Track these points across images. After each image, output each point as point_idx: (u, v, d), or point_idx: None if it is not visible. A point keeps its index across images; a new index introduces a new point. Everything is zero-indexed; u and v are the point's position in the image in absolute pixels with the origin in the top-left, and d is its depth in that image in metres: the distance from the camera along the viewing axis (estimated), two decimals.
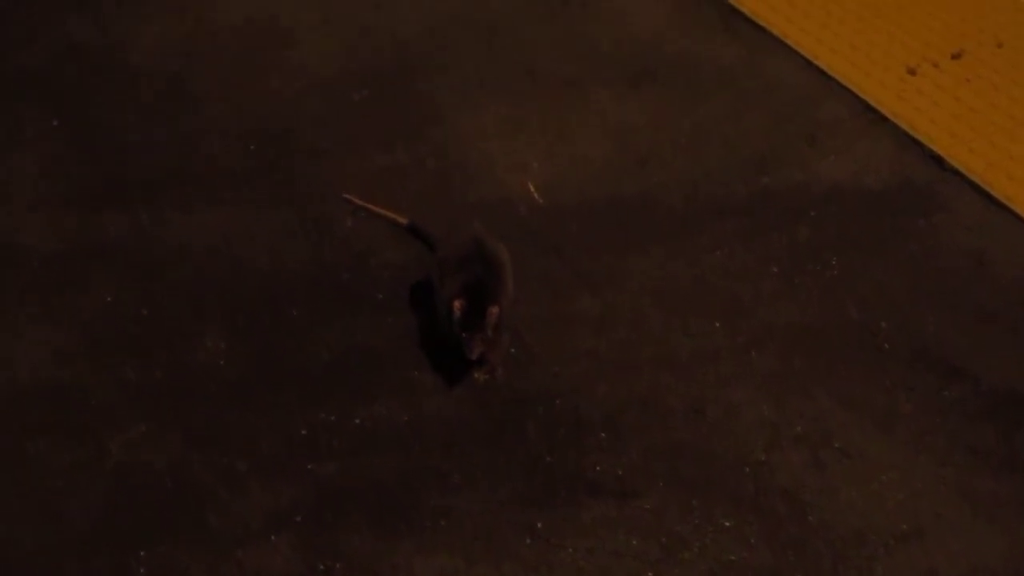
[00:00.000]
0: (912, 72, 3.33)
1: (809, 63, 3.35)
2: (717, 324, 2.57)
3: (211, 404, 2.35)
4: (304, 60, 3.27)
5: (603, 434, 2.33)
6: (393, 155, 2.97)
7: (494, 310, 2.34)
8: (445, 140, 3.02)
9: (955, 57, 3.39)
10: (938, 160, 3.04)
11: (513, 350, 2.46)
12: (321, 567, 2.08)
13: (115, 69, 3.20)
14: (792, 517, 2.20)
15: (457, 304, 2.34)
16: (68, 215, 2.76)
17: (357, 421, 2.34)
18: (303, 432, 2.30)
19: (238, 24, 3.38)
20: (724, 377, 2.45)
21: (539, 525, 2.17)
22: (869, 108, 3.20)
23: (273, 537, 2.12)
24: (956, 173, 3.01)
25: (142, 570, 2.07)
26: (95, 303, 2.55)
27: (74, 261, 2.65)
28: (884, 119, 3.16)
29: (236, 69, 3.21)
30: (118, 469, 2.22)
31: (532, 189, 2.87)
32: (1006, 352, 2.51)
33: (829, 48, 3.39)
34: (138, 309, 2.54)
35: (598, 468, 2.26)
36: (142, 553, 2.09)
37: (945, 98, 3.24)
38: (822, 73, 3.31)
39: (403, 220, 2.73)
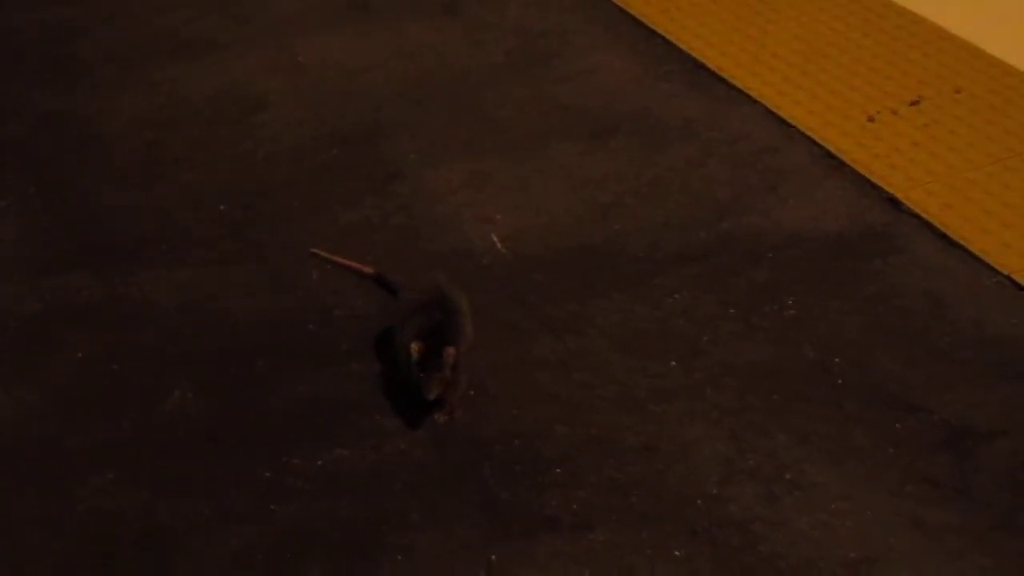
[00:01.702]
0: (871, 119, 3.41)
1: (771, 113, 3.43)
2: (674, 363, 2.63)
3: (178, 453, 2.41)
4: (274, 125, 3.36)
5: (559, 470, 2.38)
6: (360, 211, 3.05)
7: (451, 351, 2.40)
8: (411, 195, 3.10)
9: (913, 104, 3.47)
10: (895, 202, 3.10)
11: (472, 393, 2.52)
12: None
13: (91, 139, 3.30)
14: (743, 547, 2.24)
15: (415, 347, 2.41)
16: (43, 278, 2.83)
17: (320, 463, 2.40)
18: (267, 475, 2.37)
19: (210, 93, 3.48)
20: (680, 415, 2.50)
21: (494, 558, 2.21)
22: (829, 155, 3.27)
23: None
24: (913, 215, 3.06)
25: None
26: (66, 362, 2.62)
27: (47, 322, 2.72)
28: (843, 165, 3.23)
29: (207, 135, 3.30)
30: (85, 518, 2.27)
31: (496, 240, 2.95)
32: (960, 387, 2.56)
33: (792, 100, 3.48)
34: (108, 365, 2.61)
35: (554, 504, 2.31)
36: None
37: (903, 143, 3.32)
38: (784, 123, 3.39)
39: (369, 270, 2.80)
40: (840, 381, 2.59)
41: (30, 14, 3.87)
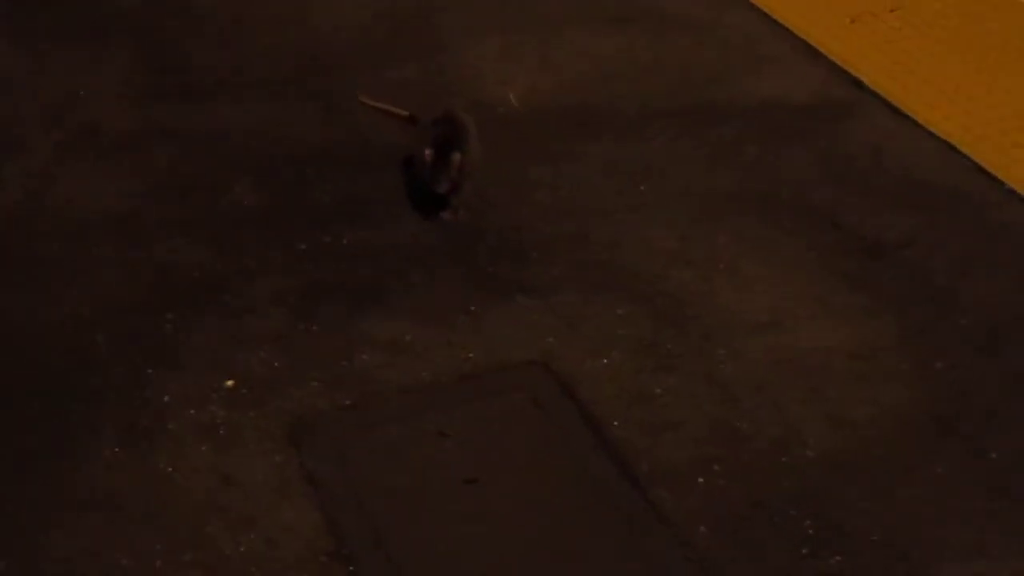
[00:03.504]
0: (853, 21, 3.95)
1: (765, 16, 3.98)
2: (643, 188, 3.21)
3: (235, 228, 3.04)
4: (342, 5, 4.01)
5: (536, 254, 2.97)
6: (403, 72, 3.66)
7: (456, 155, 3.00)
8: (447, 62, 3.71)
9: (892, 10, 4.01)
10: (859, 84, 3.64)
11: (476, 199, 3.10)
12: (302, 327, 2.75)
13: (188, 10, 3.97)
14: (674, 309, 2.81)
15: (427, 152, 3.02)
16: (141, 107, 3.50)
17: (345, 241, 3.01)
18: (302, 247, 2.99)
19: None
20: (642, 221, 3.08)
21: (472, 308, 2.81)
22: (809, 47, 3.81)
23: (271, 309, 2.79)
24: (873, 93, 3.60)
25: (169, 327, 2.75)
26: (155, 164, 3.27)
27: (142, 137, 3.38)
28: (820, 55, 3.77)
29: (284, 10, 3.96)
30: (159, 266, 2.93)
31: (512, 98, 3.55)
32: (882, 214, 3.10)
33: (784, 4, 4.02)
34: (187, 168, 3.26)
35: (529, 276, 2.89)
36: (170, 315, 2.78)
37: (878, 40, 3.85)
38: (775, 22, 3.94)
39: (404, 113, 3.42)
40: (781, 204, 3.14)
41: None
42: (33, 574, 2.19)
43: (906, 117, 3.47)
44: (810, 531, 2.29)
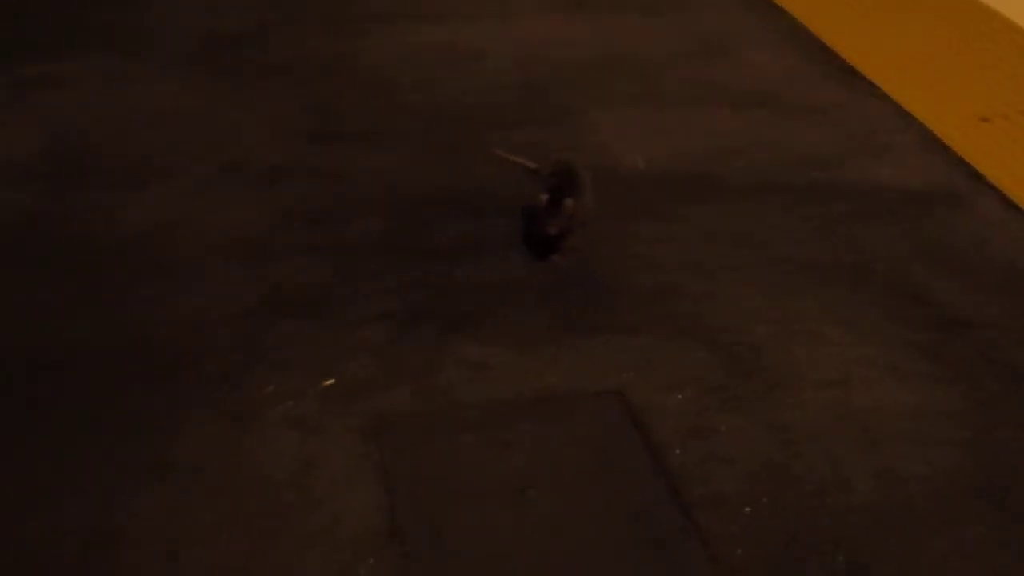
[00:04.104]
0: (984, 120, 4.07)
1: (893, 104, 4.14)
2: (741, 252, 3.38)
3: (353, 255, 3.31)
4: (486, 71, 4.30)
5: (627, 300, 3.16)
6: (532, 133, 3.91)
7: (569, 202, 3.22)
8: (577, 126, 3.95)
9: None
10: (977, 176, 3.76)
11: (583, 246, 3.32)
12: (400, 343, 2.99)
13: (346, 68, 4.31)
14: (749, 359, 2.96)
15: (543, 197, 3.25)
16: (286, 146, 3.83)
17: (454, 274, 3.24)
18: (414, 276, 3.23)
19: (442, 43, 4.46)
20: (736, 281, 3.23)
21: (560, 341, 3.02)
22: (934, 139, 3.94)
23: (376, 325, 3.04)
24: (990, 187, 3.71)
25: (281, 332, 3.02)
26: (290, 196, 3.57)
27: (283, 172, 3.69)
28: (943, 147, 3.89)
29: (432, 74, 4.27)
30: (281, 282, 3.21)
31: (639, 160, 3.77)
32: (969, 295, 3.19)
33: (913, 95, 4.16)
34: (318, 201, 3.55)
35: (612, 319, 3.08)
36: (284, 322, 3.05)
37: (1005, 140, 3.94)
38: (902, 112, 4.09)
39: (532, 165, 3.66)
40: (873, 279, 3.27)
41: None
42: (118, 524, 2.44)
43: (1018, 209, 3.54)
44: (841, 568, 2.40)
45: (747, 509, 2.54)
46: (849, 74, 4.32)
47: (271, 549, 2.39)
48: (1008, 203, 3.60)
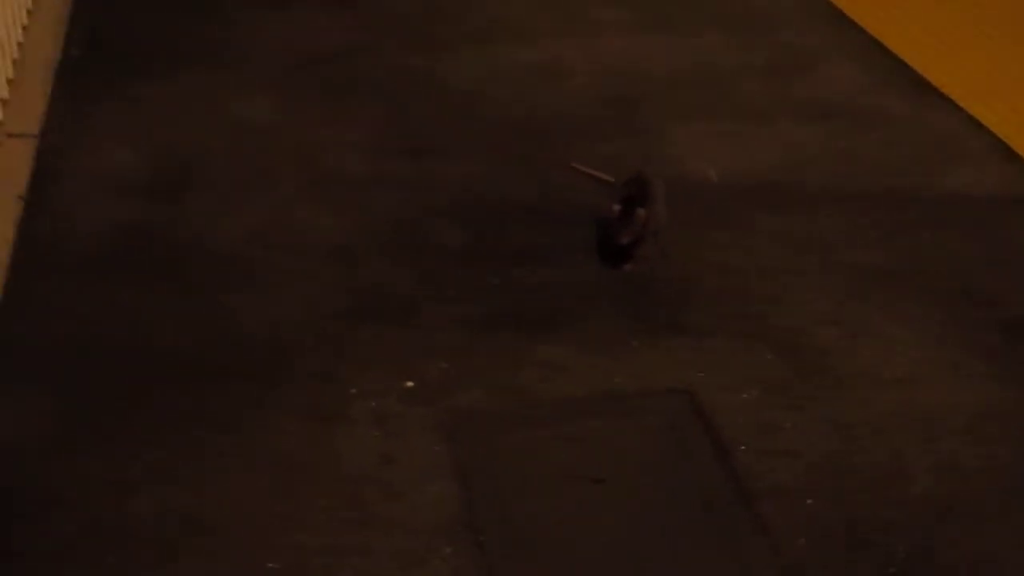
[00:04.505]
0: None
1: (966, 115, 4.22)
2: (810, 257, 3.49)
3: (436, 261, 3.47)
4: (572, 89, 4.45)
5: (698, 303, 3.28)
6: (614, 146, 4.04)
7: (641, 212, 3.34)
8: (654, 141, 4.07)
9: None
10: None
11: (657, 255, 3.44)
12: (479, 345, 3.14)
13: (434, 86, 4.48)
14: (816, 360, 3.07)
15: (616, 208, 3.38)
16: (375, 159, 3.99)
17: (532, 280, 3.38)
18: (495, 282, 3.38)
19: (528, 61, 4.62)
20: (804, 286, 3.34)
21: (632, 343, 3.15)
22: (1006, 148, 4.02)
23: (456, 328, 3.19)
24: None
25: (366, 334, 3.18)
26: (378, 205, 3.72)
27: (372, 183, 3.85)
28: (1016, 155, 3.97)
29: (515, 90, 4.42)
30: (366, 286, 3.37)
31: (712, 173, 3.89)
32: None
33: (986, 106, 4.24)
34: (404, 210, 3.71)
35: (681, 319, 3.21)
36: (368, 325, 3.21)
37: None
38: (975, 122, 4.17)
39: (609, 178, 3.80)
40: (940, 282, 3.36)
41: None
42: (205, 510, 2.60)
43: None
44: (901, 555, 2.51)
45: (809, 501, 2.64)
46: (923, 87, 4.39)
47: (352, 536, 2.54)
48: None
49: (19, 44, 4.29)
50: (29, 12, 4.54)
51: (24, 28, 4.40)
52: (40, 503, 2.58)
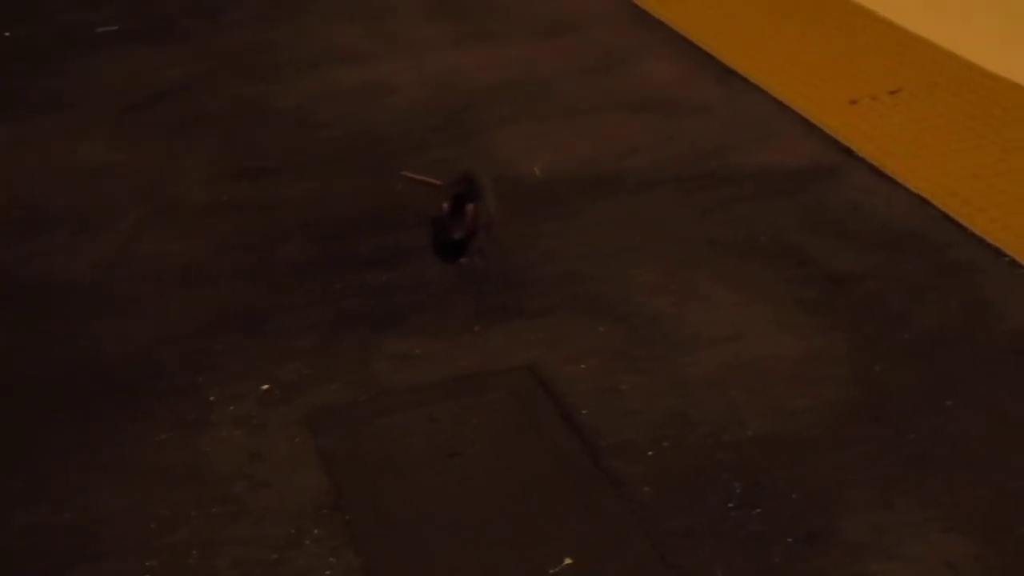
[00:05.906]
0: (853, 102, 4.43)
1: (773, 99, 4.49)
2: (636, 236, 3.70)
3: (284, 274, 3.60)
4: (398, 102, 4.64)
5: (535, 288, 3.47)
6: (443, 153, 4.21)
7: (470, 207, 3.52)
8: (484, 144, 4.26)
9: (893, 92, 4.48)
10: (848, 151, 4.11)
11: (489, 247, 3.61)
12: (330, 346, 3.28)
13: (266, 113, 4.63)
14: (648, 328, 3.27)
15: (445, 205, 3.57)
16: (216, 186, 4.12)
17: (376, 283, 3.53)
18: (339, 287, 3.53)
19: (356, 81, 4.79)
20: (632, 262, 3.54)
21: (475, 329, 3.32)
22: (810, 124, 4.29)
23: (307, 332, 3.33)
24: (860, 159, 4.07)
25: (221, 347, 3.31)
26: (222, 228, 3.85)
27: (214, 208, 3.98)
28: (819, 130, 4.24)
29: (344, 109, 4.59)
30: (219, 303, 3.49)
31: (536, 170, 4.09)
32: (849, 252, 3.52)
33: (789, 87, 4.53)
34: (249, 230, 3.84)
35: (529, 304, 3.39)
36: (223, 338, 3.33)
37: (872, 116, 4.31)
38: (782, 104, 4.45)
39: (437, 182, 3.97)
40: (758, 247, 3.60)
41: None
42: (86, 522, 2.73)
43: (887, 177, 3.90)
44: (737, 491, 2.71)
45: (650, 452, 2.83)
46: (729, 75, 4.66)
47: (227, 528, 2.67)
48: (878, 173, 3.93)
49: None
50: None
51: None
52: None
